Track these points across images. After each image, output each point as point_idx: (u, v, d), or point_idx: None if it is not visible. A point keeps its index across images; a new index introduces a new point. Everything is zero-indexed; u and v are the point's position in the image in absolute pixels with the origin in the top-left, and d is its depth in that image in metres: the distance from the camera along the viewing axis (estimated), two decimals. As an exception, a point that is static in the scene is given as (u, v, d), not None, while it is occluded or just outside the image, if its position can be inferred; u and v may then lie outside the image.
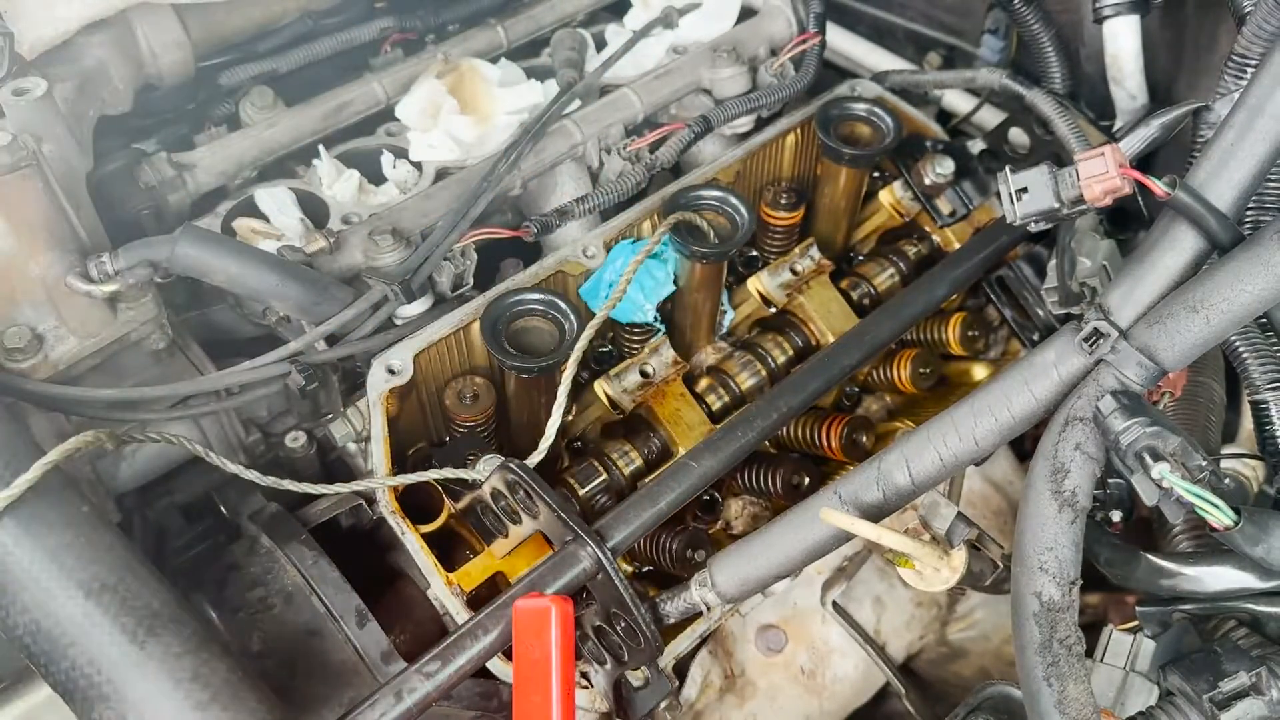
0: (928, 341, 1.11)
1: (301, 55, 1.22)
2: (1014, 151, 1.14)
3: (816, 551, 0.82)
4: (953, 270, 1.01)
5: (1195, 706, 0.74)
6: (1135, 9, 0.99)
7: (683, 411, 0.97)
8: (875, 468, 0.81)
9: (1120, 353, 0.74)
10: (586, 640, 0.86)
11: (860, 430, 1.01)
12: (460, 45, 1.29)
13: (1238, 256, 0.70)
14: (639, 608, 0.80)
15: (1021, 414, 0.78)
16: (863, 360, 0.96)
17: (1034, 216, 0.75)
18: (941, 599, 1.11)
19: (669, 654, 0.90)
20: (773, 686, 1.03)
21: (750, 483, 1.01)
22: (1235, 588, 0.77)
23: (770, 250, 1.10)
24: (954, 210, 1.11)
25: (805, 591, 1.05)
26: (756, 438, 0.89)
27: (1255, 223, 0.85)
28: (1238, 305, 0.69)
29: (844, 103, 1.04)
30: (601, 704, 0.89)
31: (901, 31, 1.39)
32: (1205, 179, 0.73)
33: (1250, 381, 0.87)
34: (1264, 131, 0.71)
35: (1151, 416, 0.68)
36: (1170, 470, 0.65)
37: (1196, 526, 0.85)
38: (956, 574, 0.84)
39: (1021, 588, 0.73)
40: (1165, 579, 0.79)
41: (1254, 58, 0.85)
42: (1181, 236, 0.74)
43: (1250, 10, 0.85)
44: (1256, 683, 0.72)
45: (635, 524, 0.84)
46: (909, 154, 1.11)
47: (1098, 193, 0.72)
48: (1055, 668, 0.70)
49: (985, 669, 1.11)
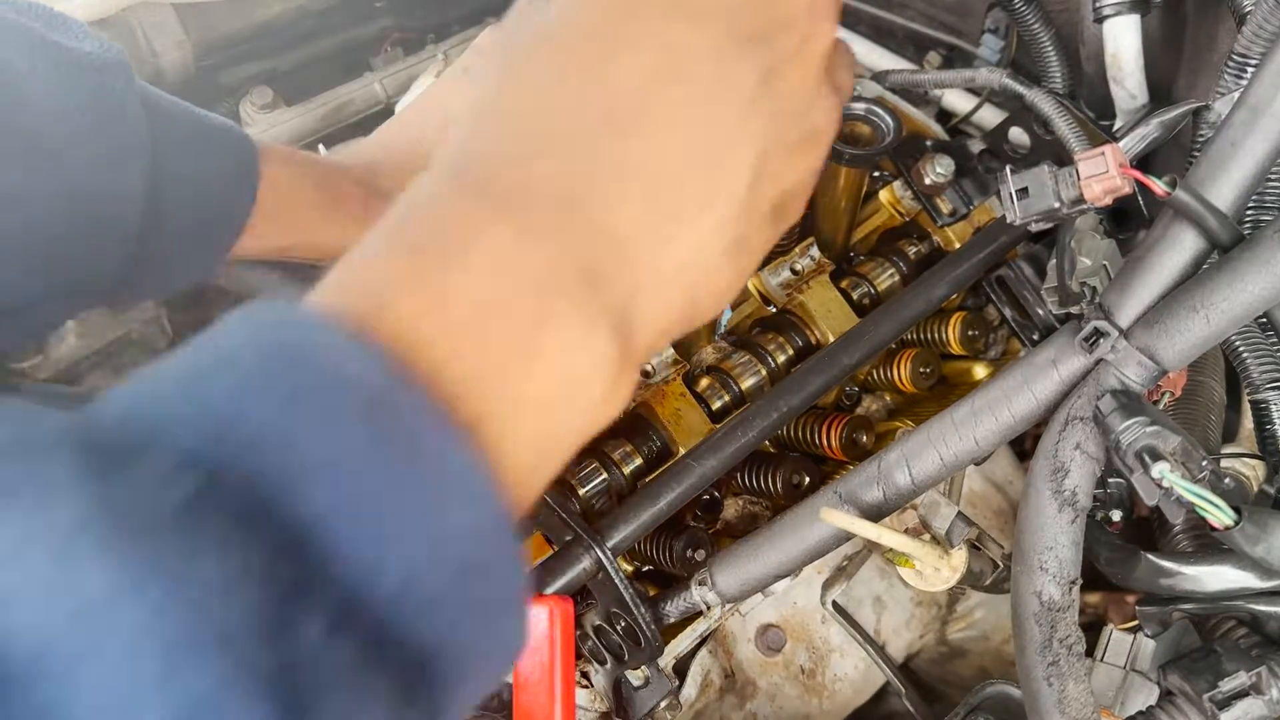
0: (928, 341, 1.11)
1: (302, 54, 1.22)
2: (1014, 151, 1.14)
3: (816, 551, 0.82)
4: (953, 270, 1.00)
5: (1195, 706, 0.74)
6: (1135, 8, 0.99)
7: (683, 411, 0.97)
8: (875, 467, 0.81)
9: (1120, 352, 0.74)
10: (586, 640, 0.86)
11: (860, 430, 1.01)
12: (460, 45, 1.29)
13: (1238, 256, 0.70)
14: (639, 607, 0.80)
15: (1021, 414, 0.78)
16: (863, 360, 0.96)
17: (1034, 216, 0.75)
18: (941, 599, 1.11)
19: (669, 653, 0.90)
20: (772, 686, 1.03)
21: (750, 482, 1.01)
22: (1235, 587, 0.77)
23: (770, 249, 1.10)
24: (954, 210, 1.11)
25: (805, 591, 1.04)
26: (756, 437, 0.89)
27: (1255, 222, 0.85)
28: (1238, 305, 0.69)
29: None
30: (601, 703, 0.89)
31: (901, 31, 1.39)
32: (1205, 179, 0.73)
33: (1250, 381, 0.87)
34: (1264, 131, 0.71)
35: (1151, 416, 0.68)
36: (1170, 470, 0.65)
37: (1196, 526, 0.85)
38: (956, 573, 0.84)
39: (1021, 587, 0.73)
40: (1165, 578, 0.79)
41: (1254, 57, 0.85)
42: (1181, 236, 0.74)
43: (1250, 10, 0.85)
44: (1256, 682, 0.72)
45: (635, 524, 0.84)
46: (909, 153, 1.11)
47: (1098, 192, 0.72)
48: (1055, 667, 0.70)
49: (985, 669, 1.11)
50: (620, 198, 0.36)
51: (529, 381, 0.32)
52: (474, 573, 0.28)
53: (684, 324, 0.41)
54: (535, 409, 0.32)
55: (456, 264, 0.31)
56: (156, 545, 0.23)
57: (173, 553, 0.23)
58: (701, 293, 0.40)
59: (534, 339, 0.32)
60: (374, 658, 0.25)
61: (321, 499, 0.25)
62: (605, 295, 0.35)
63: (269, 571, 0.24)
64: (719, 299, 0.42)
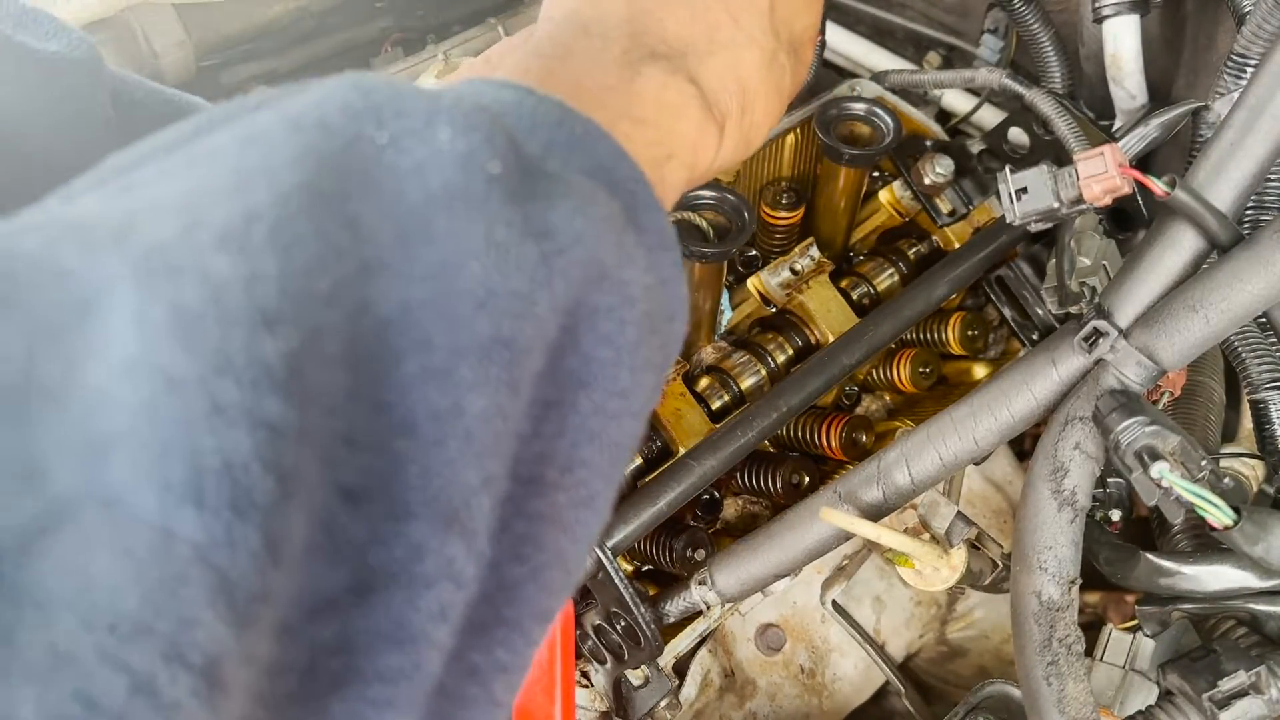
0: (928, 341, 1.11)
1: (302, 55, 1.22)
2: (1014, 151, 1.14)
3: (816, 551, 0.82)
4: (953, 270, 1.01)
5: (1194, 705, 0.74)
6: (1135, 8, 0.99)
7: (683, 411, 0.97)
8: (875, 467, 0.81)
9: (1119, 352, 0.74)
10: (586, 639, 0.86)
11: (860, 429, 1.01)
12: (460, 45, 1.29)
13: (1237, 256, 0.70)
14: (639, 607, 0.80)
15: (1021, 413, 0.78)
16: (863, 359, 0.96)
17: (1034, 216, 0.75)
18: (941, 598, 1.11)
19: (669, 653, 0.90)
20: (772, 685, 1.03)
21: (750, 482, 1.02)
22: (1234, 587, 0.77)
23: (770, 250, 1.10)
24: (954, 210, 1.11)
25: (805, 591, 1.05)
26: (756, 437, 0.89)
27: (1255, 222, 0.85)
28: (1237, 305, 0.69)
29: (844, 102, 1.04)
30: (601, 703, 0.89)
31: (901, 31, 1.39)
32: (1205, 179, 0.73)
33: (1249, 380, 0.87)
34: (1264, 131, 0.71)
35: (1151, 416, 0.68)
36: (1169, 469, 0.65)
37: (1196, 526, 0.86)
38: (956, 573, 0.85)
39: (1021, 587, 0.74)
40: (1164, 578, 0.79)
41: (1254, 57, 0.85)
42: (1181, 236, 0.74)
43: (1250, 10, 0.85)
44: (1256, 682, 0.72)
45: (635, 523, 0.84)
46: (909, 153, 1.11)
47: (1097, 192, 0.72)
48: (1055, 667, 0.71)
49: (985, 668, 1.11)
50: (669, 14, 0.52)
51: (639, 105, 0.47)
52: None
53: (746, 116, 0.54)
54: (647, 124, 0.47)
55: (580, 59, 0.48)
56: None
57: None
58: (750, 85, 0.54)
59: (633, 84, 0.48)
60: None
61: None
62: (676, 63, 0.50)
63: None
64: (765, 102, 0.56)
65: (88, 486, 0.23)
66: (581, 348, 0.36)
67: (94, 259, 0.26)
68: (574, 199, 0.36)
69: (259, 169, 0.29)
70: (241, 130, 0.31)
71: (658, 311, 0.40)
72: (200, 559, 0.24)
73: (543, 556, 0.36)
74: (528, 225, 0.33)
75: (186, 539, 0.24)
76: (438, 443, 0.30)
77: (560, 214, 0.35)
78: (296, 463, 0.26)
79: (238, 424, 0.25)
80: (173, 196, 0.28)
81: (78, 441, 0.24)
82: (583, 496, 0.37)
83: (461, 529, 0.30)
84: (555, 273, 0.34)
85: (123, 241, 0.26)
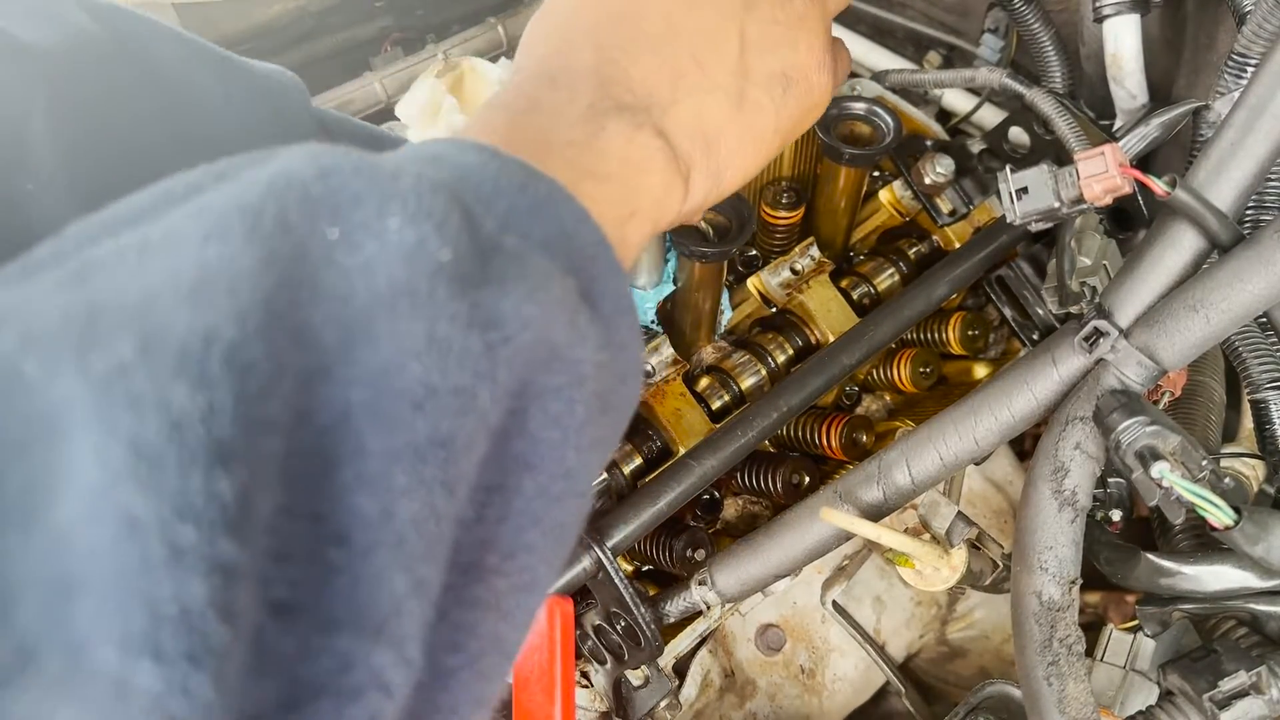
0: (928, 341, 1.11)
1: (301, 54, 1.22)
2: (1014, 151, 1.14)
3: (816, 551, 0.82)
4: (953, 270, 1.00)
5: (1195, 706, 0.74)
6: (1135, 8, 0.99)
7: (683, 411, 0.97)
8: (875, 467, 0.81)
9: (1120, 352, 0.74)
10: (586, 640, 0.86)
11: (860, 429, 1.01)
12: (460, 44, 1.29)
13: (1238, 256, 0.70)
14: (639, 607, 0.80)
15: (1021, 413, 0.78)
16: (863, 359, 0.96)
17: (1034, 216, 0.75)
18: (941, 598, 1.11)
19: (669, 653, 0.90)
20: (772, 685, 1.03)
21: (750, 482, 1.01)
22: (1235, 587, 0.77)
23: (770, 249, 1.10)
24: (954, 210, 1.11)
25: (805, 591, 1.05)
26: (756, 437, 0.89)
27: (1255, 222, 0.85)
28: (1238, 304, 0.69)
29: (844, 102, 1.04)
30: (601, 703, 0.89)
31: (901, 31, 1.39)
32: (1205, 178, 0.73)
33: (1250, 380, 0.87)
34: (1264, 131, 0.71)
35: (1151, 416, 0.68)
36: (1170, 469, 0.65)
37: (1196, 526, 0.86)
38: (956, 573, 0.84)
39: (1021, 587, 0.73)
40: (1165, 578, 0.79)
41: (1254, 57, 0.85)
42: (1181, 236, 0.74)
43: (1250, 10, 0.85)
44: (1256, 682, 0.72)
45: (635, 524, 0.84)
46: (909, 153, 1.11)
47: (1097, 192, 0.72)
48: (1055, 667, 0.71)
49: (985, 668, 1.11)
50: (634, 63, 0.52)
51: (604, 162, 0.48)
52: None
53: (712, 160, 0.54)
54: (611, 181, 0.48)
55: (546, 114, 0.48)
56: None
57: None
58: (714, 130, 0.54)
59: (597, 139, 0.48)
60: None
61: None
62: (640, 116, 0.50)
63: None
64: (738, 143, 0.55)
65: (52, 632, 0.24)
66: (529, 429, 0.36)
67: (54, 371, 0.26)
68: (527, 281, 0.35)
69: (218, 274, 0.29)
70: (205, 219, 0.30)
71: (609, 388, 0.40)
72: (156, 707, 0.25)
73: (479, 644, 0.36)
74: (474, 315, 0.33)
75: (144, 690, 0.25)
76: (367, 551, 0.30)
77: (511, 300, 0.34)
78: (241, 597, 0.27)
79: (195, 569, 0.25)
80: (131, 295, 0.28)
81: (43, 578, 0.25)
82: (524, 582, 0.37)
83: (390, 638, 0.30)
84: (499, 363, 0.33)
85: (83, 355, 0.26)
